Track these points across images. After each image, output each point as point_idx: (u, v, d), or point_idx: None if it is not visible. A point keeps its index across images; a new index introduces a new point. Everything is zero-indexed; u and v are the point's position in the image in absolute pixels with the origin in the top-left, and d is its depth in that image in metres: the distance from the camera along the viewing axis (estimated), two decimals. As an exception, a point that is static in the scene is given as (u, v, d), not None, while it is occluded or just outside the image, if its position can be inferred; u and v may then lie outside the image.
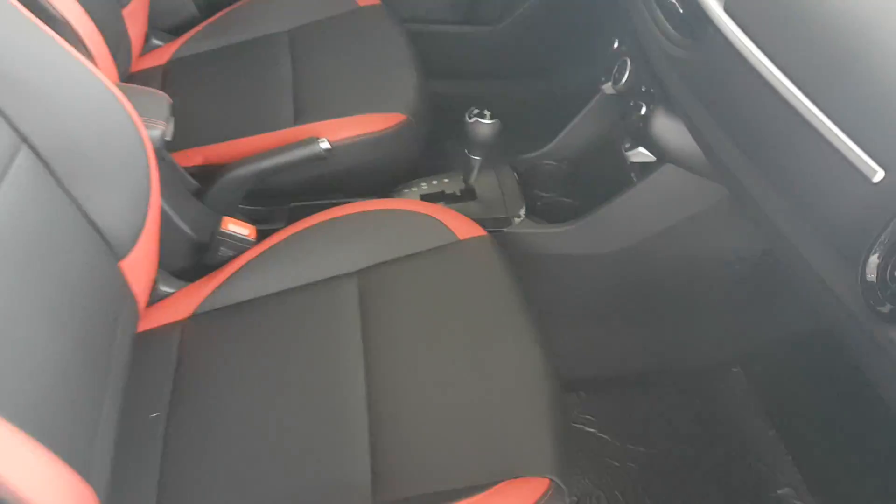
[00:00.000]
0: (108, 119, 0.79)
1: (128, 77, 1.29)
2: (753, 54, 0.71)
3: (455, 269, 0.97)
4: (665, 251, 1.12)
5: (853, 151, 0.60)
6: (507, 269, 0.97)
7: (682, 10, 0.86)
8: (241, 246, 1.04)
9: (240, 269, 0.99)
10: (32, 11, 0.80)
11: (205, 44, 1.38)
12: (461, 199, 1.20)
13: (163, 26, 1.48)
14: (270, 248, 1.01)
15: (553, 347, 0.88)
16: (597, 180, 1.23)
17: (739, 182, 0.80)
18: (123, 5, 1.22)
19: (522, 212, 1.17)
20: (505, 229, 1.16)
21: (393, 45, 1.34)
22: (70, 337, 0.72)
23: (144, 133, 0.84)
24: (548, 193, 1.28)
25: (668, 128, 0.97)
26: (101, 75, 0.78)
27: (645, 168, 1.06)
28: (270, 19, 1.39)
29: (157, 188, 0.87)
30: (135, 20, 1.27)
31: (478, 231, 1.02)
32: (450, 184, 1.22)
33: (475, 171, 1.15)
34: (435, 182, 1.22)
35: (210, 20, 1.44)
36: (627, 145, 1.05)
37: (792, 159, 0.69)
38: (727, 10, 0.77)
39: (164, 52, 1.38)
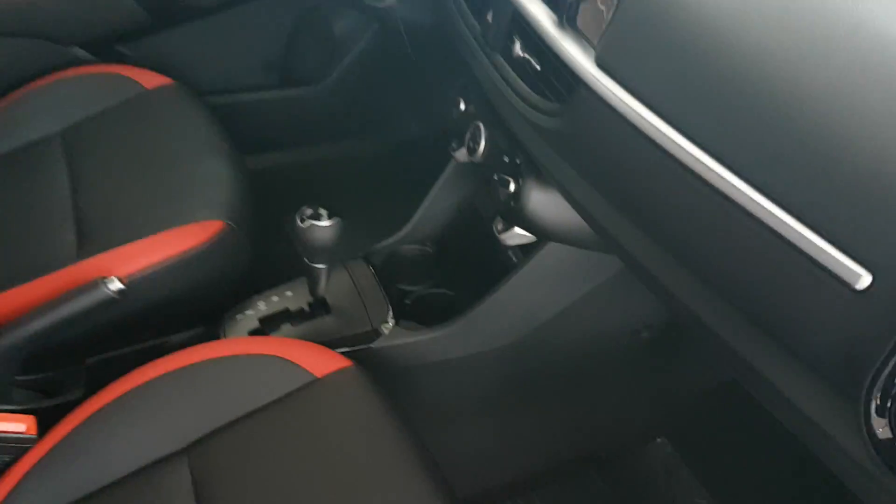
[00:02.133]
0: None
1: None
2: (636, 111, 0.59)
3: (315, 416, 0.80)
4: (565, 334, 0.99)
5: (807, 239, 0.46)
6: (383, 403, 0.80)
7: (539, 68, 0.71)
8: (19, 447, 0.79)
9: (23, 478, 0.76)
10: None
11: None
12: (311, 315, 0.98)
13: None
14: (65, 437, 0.78)
15: (453, 462, 0.76)
16: (470, 263, 1.07)
17: (631, 253, 0.68)
18: None
19: (389, 316, 0.97)
20: (372, 345, 0.95)
21: (196, 131, 1.13)
22: None
23: None
24: (415, 287, 1.09)
25: (543, 203, 0.81)
26: None
27: (525, 249, 0.89)
28: (36, 120, 1.14)
29: None
30: None
31: (339, 362, 0.84)
32: (294, 298, 1.00)
33: (322, 280, 0.94)
34: (275, 299, 1.00)
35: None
36: (500, 227, 0.88)
37: (684, 218, 0.58)
38: (600, 64, 0.63)
39: None
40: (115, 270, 0.89)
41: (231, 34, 1.42)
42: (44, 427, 0.81)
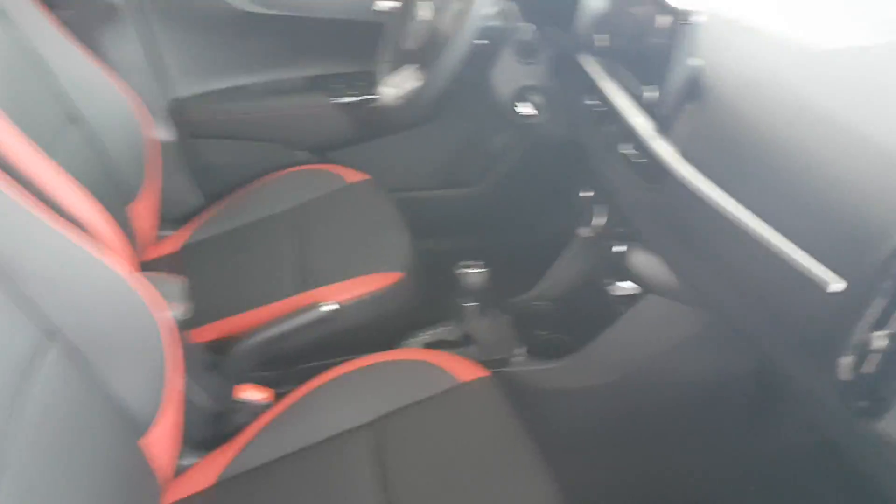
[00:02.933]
0: (126, 306, 0.84)
1: (143, 266, 1.38)
2: (710, 194, 0.78)
3: (460, 413, 1.01)
4: (659, 377, 1.15)
5: (813, 266, 0.65)
6: (510, 407, 1.00)
7: (643, 160, 0.95)
8: (255, 411, 1.08)
9: (256, 435, 1.02)
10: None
11: (213, 229, 1.48)
12: (460, 345, 1.26)
13: (171, 217, 1.59)
14: (284, 410, 1.05)
15: (561, 481, 0.91)
16: (585, 316, 1.28)
17: (718, 305, 0.85)
18: (127, 201, 1.32)
19: (520, 351, 1.23)
20: (505, 369, 1.20)
21: (383, 213, 1.45)
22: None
23: (159, 316, 0.89)
24: (542, 332, 1.33)
25: (645, 262, 1.04)
26: (117, 268, 0.85)
27: (629, 300, 1.12)
28: (270, 202, 1.51)
29: (172, 366, 0.90)
30: (144, 214, 1.37)
31: (479, 371, 1.07)
32: (448, 332, 1.28)
33: (470, 318, 1.22)
34: (434, 332, 1.29)
35: (215, 207, 1.56)
36: (609, 282, 1.12)
37: (756, 276, 0.73)
38: (684, 157, 0.85)
39: (176, 240, 1.48)
40: (327, 299, 1.21)
41: (414, 145, 1.76)
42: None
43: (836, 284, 0.63)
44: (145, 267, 1.38)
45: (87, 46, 1.30)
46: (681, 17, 0.83)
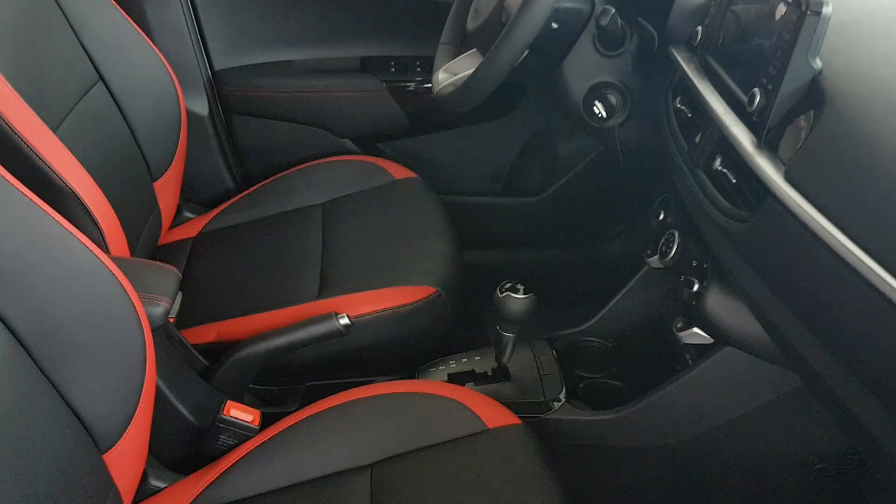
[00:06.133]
0: (98, 296, 0.73)
1: (154, 250, 1.26)
2: (822, 226, 0.62)
3: (483, 463, 0.86)
4: (729, 446, 0.98)
5: None
6: (545, 463, 0.86)
7: (735, 181, 0.79)
8: (242, 434, 0.95)
9: (240, 460, 0.90)
10: (33, 179, 0.77)
11: (237, 216, 1.37)
12: (493, 379, 1.09)
13: (197, 199, 1.49)
14: (276, 435, 0.92)
15: None
16: (645, 361, 1.12)
17: (812, 368, 0.69)
18: (155, 178, 1.22)
19: (562, 395, 1.05)
20: (541, 415, 1.03)
21: (427, 217, 1.31)
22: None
23: (142, 311, 0.78)
24: (590, 374, 1.15)
25: (725, 307, 0.86)
26: (95, 249, 0.73)
27: (701, 350, 0.94)
28: (306, 192, 1.40)
29: (152, 372, 0.79)
30: (165, 193, 1.26)
31: (510, 418, 0.92)
32: (480, 362, 1.11)
33: (509, 349, 1.05)
34: (464, 360, 1.12)
35: (245, 193, 1.45)
36: (680, 325, 0.94)
37: (874, 343, 0.59)
38: (788, 179, 0.69)
39: (196, 225, 1.37)
40: (345, 311, 1.06)
41: (470, 145, 1.63)
42: (261, 427, 0.96)
43: None
44: (156, 252, 1.27)
45: (125, 7, 1.22)
46: (813, 6, 0.68)
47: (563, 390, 1.05)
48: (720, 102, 0.83)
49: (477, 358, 1.12)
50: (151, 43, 1.24)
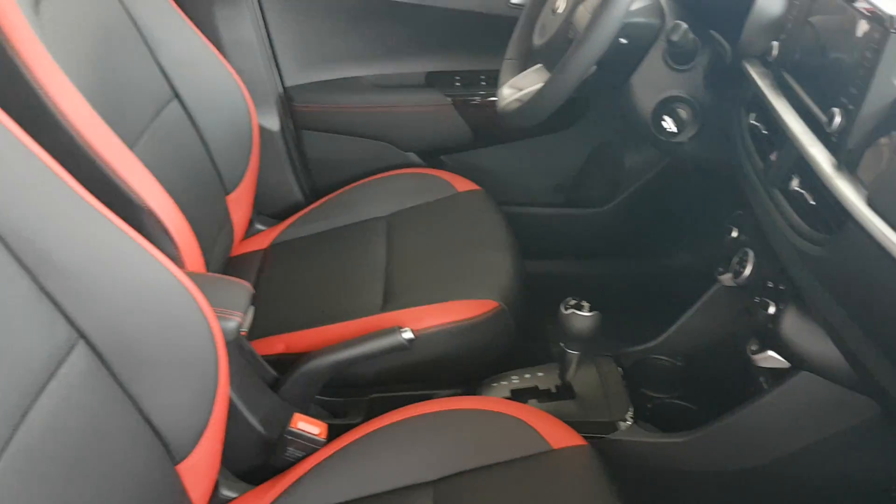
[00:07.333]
0: (174, 312, 0.75)
1: (227, 262, 1.30)
2: None
3: (548, 485, 0.86)
4: (803, 472, 0.95)
5: None
6: (612, 487, 0.84)
7: (813, 202, 0.76)
8: (310, 446, 0.97)
9: (307, 473, 0.91)
10: (111, 198, 0.79)
11: (306, 228, 1.40)
12: (557, 396, 1.08)
13: (268, 212, 1.53)
14: (341, 449, 0.93)
15: None
16: (717, 383, 1.09)
17: (891, 396, 0.67)
18: (228, 192, 1.26)
19: (629, 415, 1.03)
20: (608, 436, 1.01)
21: (490, 230, 1.31)
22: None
23: (216, 325, 0.80)
24: (659, 394, 1.13)
25: (802, 330, 0.83)
26: (170, 266, 0.75)
27: (776, 374, 0.90)
28: (372, 204, 1.41)
29: (225, 384, 0.81)
30: (238, 206, 1.30)
31: (575, 439, 0.91)
32: (544, 378, 1.10)
33: (573, 367, 1.03)
34: (528, 376, 1.11)
35: (314, 205, 1.47)
36: (754, 348, 0.91)
37: None
38: (871, 203, 0.67)
39: (267, 237, 1.40)
40: (408, 324, 1.07)
41: (533, 157, 1.62)
42: (327, 440, 0.98)
43: None
44: (229, 263, 1.30)
45: (198, 24, 1.25)
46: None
47: (630, 410, 1.03)
48: (797, 121, 0.81)
49: (540, 374, 1.11)
50: (224, 60, 1.28)
